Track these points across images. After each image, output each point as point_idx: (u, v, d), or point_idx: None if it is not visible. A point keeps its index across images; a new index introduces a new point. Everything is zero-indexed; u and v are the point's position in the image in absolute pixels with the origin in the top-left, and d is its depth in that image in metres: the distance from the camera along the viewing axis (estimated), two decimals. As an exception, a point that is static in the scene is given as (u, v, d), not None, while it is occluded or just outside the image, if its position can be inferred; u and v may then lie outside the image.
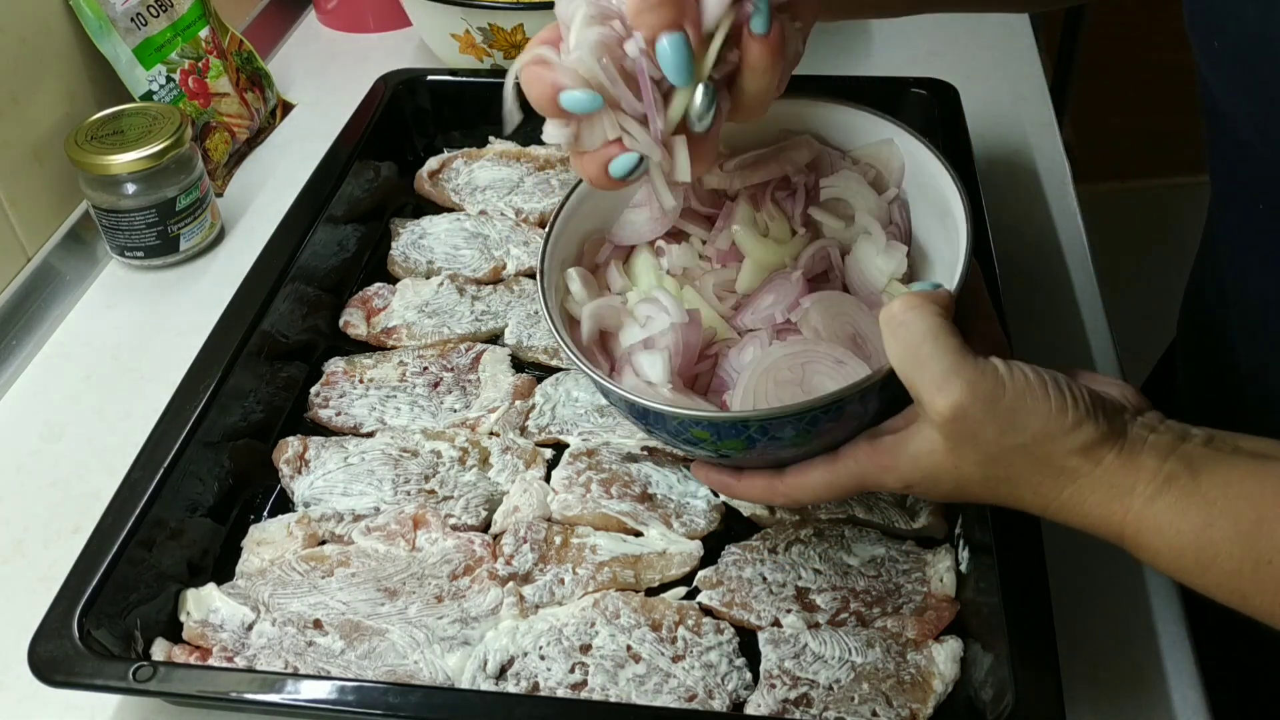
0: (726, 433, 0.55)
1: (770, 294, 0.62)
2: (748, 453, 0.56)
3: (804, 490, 0.57)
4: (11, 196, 0.90)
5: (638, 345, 0.60)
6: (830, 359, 0.58)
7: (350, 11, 1.27)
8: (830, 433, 0.55)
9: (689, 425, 0.55)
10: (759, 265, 0.63)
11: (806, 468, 0.57)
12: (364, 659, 0.63)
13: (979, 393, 0.49)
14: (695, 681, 0.61)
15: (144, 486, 0.66)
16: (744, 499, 0.65)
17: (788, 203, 0.64)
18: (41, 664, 0.58)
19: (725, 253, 0.64)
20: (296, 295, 0.82)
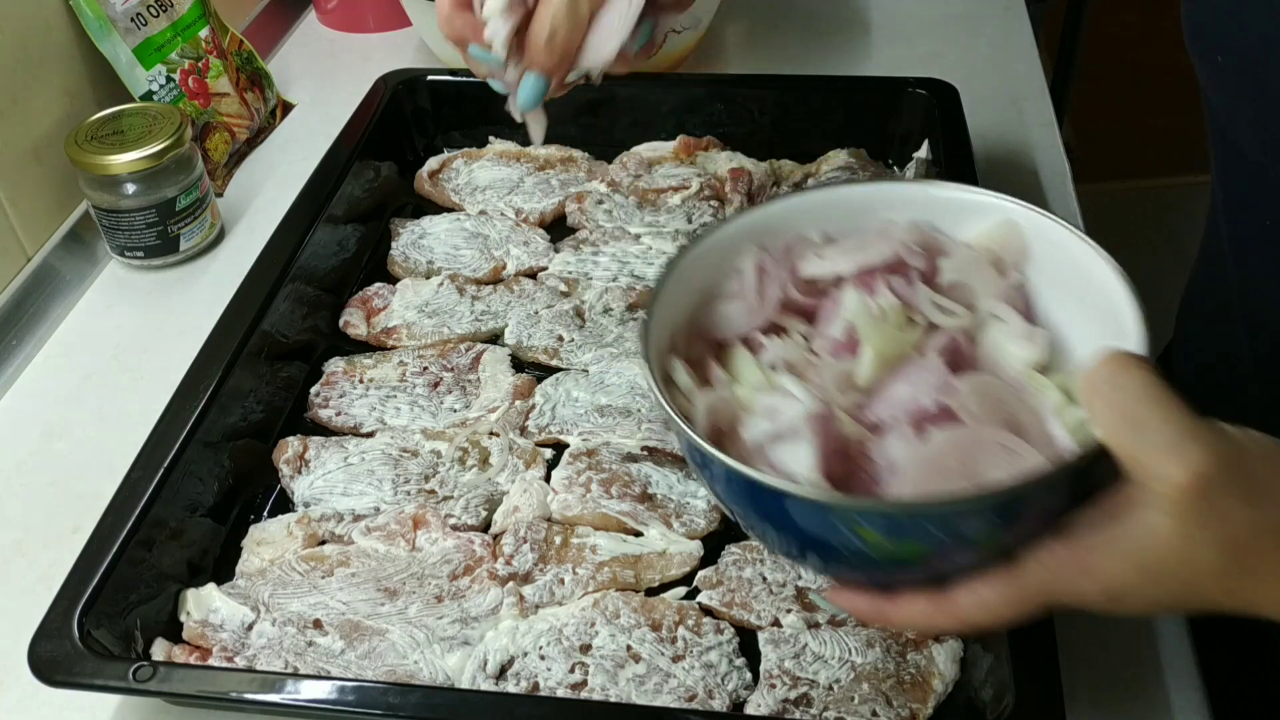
0: (907, 530, 0.45)
1: (904, 383, 0.53)
2: (916, 565, 0.47)
3: (978, 610, 0.46)
4: (11, 196, 0.90)
5: (768, 438, 0.52)
6: (998, 446, 0.49)
7: (350, 11, 1.27)
8: (1017, 532, 0.46)
9: (858, 520, 0.45)
10: (882, 356, 0.54)
11: (981, 583, 0.46)
12: (364, 659, 0.63)
13: (1221, 456, 0.41)
14: (695, 681, 0.61)
15: (144, 486, 0.66)
16: (900, 626, 0.55)
17: (904, 289, 0.56)
18: (41, 664, 0.58)
19: (840, 344, 0.55)
20: (296, 295, 0.82)
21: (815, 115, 0.99)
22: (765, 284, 0.57)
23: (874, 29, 1.21)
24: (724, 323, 0.58)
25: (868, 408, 0.53)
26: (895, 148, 0.98)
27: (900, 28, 1.21)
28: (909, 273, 0.57)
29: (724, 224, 0.58)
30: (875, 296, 0.56)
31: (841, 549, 0.47)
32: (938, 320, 0.55)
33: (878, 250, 0.57)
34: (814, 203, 0.60)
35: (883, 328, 0.55)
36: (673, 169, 0.97)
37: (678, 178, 0.96)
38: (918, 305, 0.56)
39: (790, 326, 0.58)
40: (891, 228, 0.58)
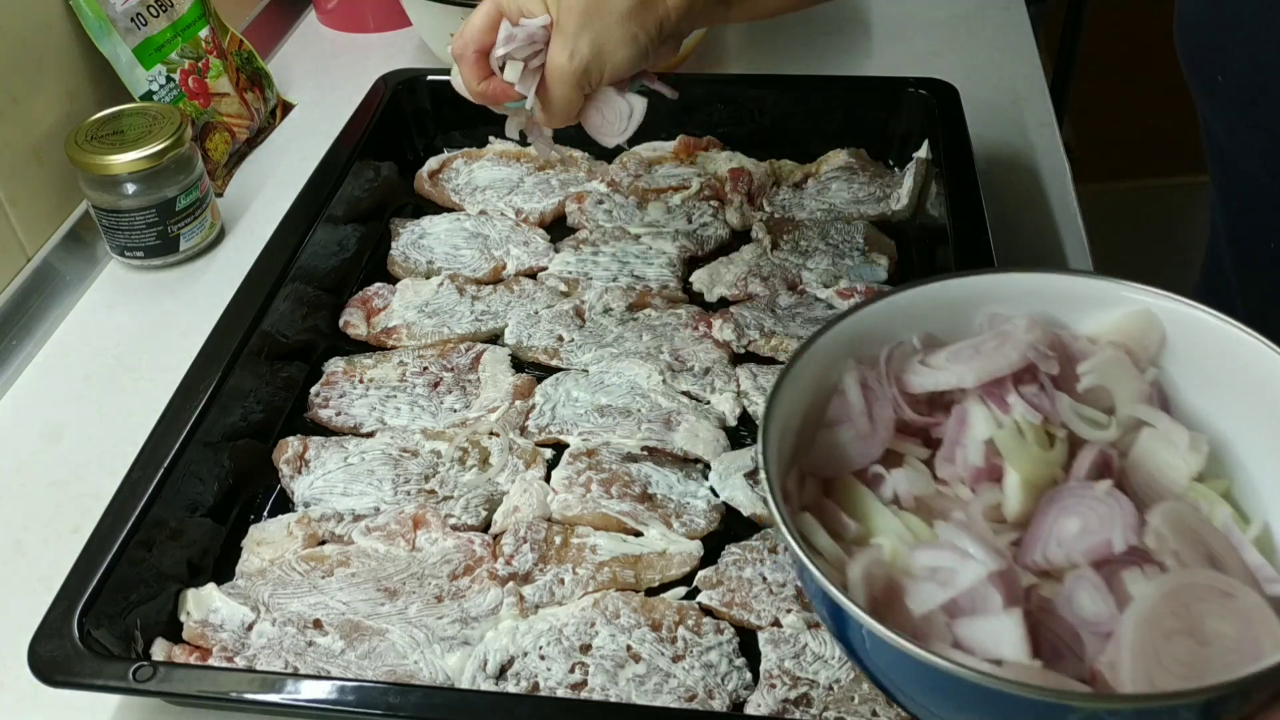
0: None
1: (1069, 516, 0.46)
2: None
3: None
4: (11, 196, 0.90)
5: (946, 609, 0.45)
6: (1212, 590, 0.43)
7: (350, 11, 1.27)
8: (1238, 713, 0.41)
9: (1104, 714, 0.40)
10: (1030, 482, 0.48)
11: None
12: (364, 659, 0.63)
13: None
14: (695, 681, 0.61)
15: (144, 486, 0.66)
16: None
17: (1038, 399, 0.50)
18: (41, 664, 0.58)
19: (978, 470, 0.49)
20: (296, 295, 0.82)
21: (815, 115, 0.99)
22: (874, 405, 0.51)
23: (874, 29, 1.21)
24: (835, 456, 0.51)
25: (1031, 548, 0.47)
26: (895, 148, 0.98)
27: (900, 28, 1.21)
28: (1041, 379, 0.50)
29: (814, 340, 0.51)
30: (1009, 411, 0.49)
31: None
32: (1084, 434, 0.49)
33: (1003, 355, 0.50)
34: (911, 302, 0.53)
35: (1026, 449, 0.48)
36: (673, 169, 0.97)
37: (678, 178, 0.96)
38: (1058, 417, 0.49)
39: (906, 451, 0.51)
40: (1010, 327, 0.51)
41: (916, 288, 0.53)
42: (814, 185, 0.96)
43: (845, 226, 0.91)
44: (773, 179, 0.96)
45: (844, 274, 0.87)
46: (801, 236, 0.90)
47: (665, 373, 0.79)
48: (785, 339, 0.81)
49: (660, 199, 0.94)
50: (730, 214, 0.93)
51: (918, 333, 0.53)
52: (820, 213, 0.94)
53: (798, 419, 0.51)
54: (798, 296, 0.86)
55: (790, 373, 0.50)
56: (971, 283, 0.53)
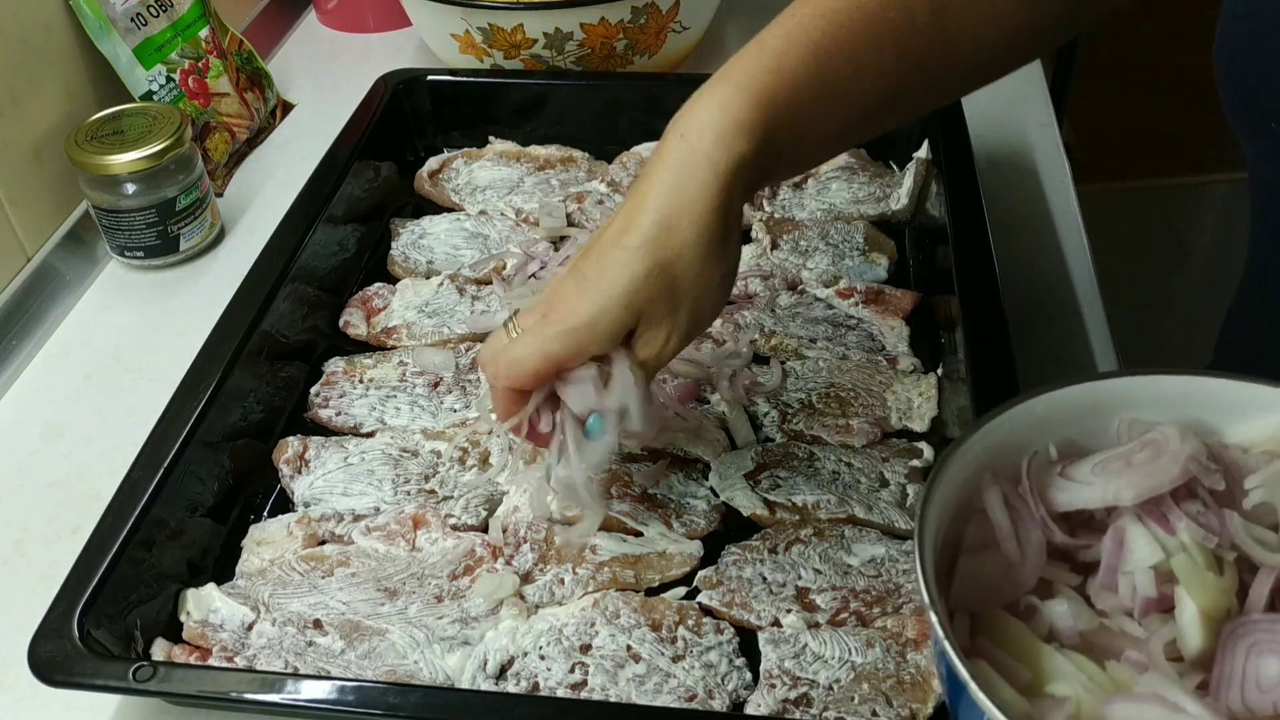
0: None
1: (1267, 656, 0.42)
2: None
3: None
4: (11, 196, 0.90)
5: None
6: None
7: (350, 11, 1.27)
8: None
9: None
10: (1208, 614, 0.43)
11: None
12: (364, 659, 0.63)
13: None
14: (695, 681, 0.61)
15: (144, 486, 0.66)
16: None
17: (1206, 518, 0.45)
18: (41, 664, 0.58)
19: (1149, 601, 0.45)
20: (296, 295, 0.82)
21: (815, 115, 0.99)
22: (1021, 527, 0.47)
23: (874, 29, 1.21)
24: (983, 587, 0.47)
25: (1225, 693, 0.42)
26: (895, 148, 0.98)
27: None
28: (1202, 496, 0.46)
29: (949, 459, 0.48)
30: (1174, 532, 0.45)
31: None
32: (1258, 557, 0.44)
33: (1162, 470, 0.46)
34: (1049, 408, 0.50)
35: (1202, 575, 0.44)
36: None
37: (678, 178, 0.96)
38: (1229, 538, 0.45)
39: (1056, 578, 0.47)
40: (1159, 436, 0.47)
41: (1052, 392, 0.50)
42: (814, 185, 0.96)
43: (845, 226, 0.91)
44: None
45: (844, 274, 0.87)
46: (801, 236, 0.90)
47: (665, 373, 0.79)
48: (785, 339, 0.81)
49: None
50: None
51: (1053, 440, 0.49)
52: (820, 212, 0.94)
53: (938, 545, 0.47)
54: (798, 296, 0.86)
55: (932, 495, 0.46)
56: (1112, 386, 0.50)
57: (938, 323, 0.83)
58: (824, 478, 0.71)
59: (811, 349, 0.81)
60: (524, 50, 1.04)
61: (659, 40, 1.06)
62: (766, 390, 0.77)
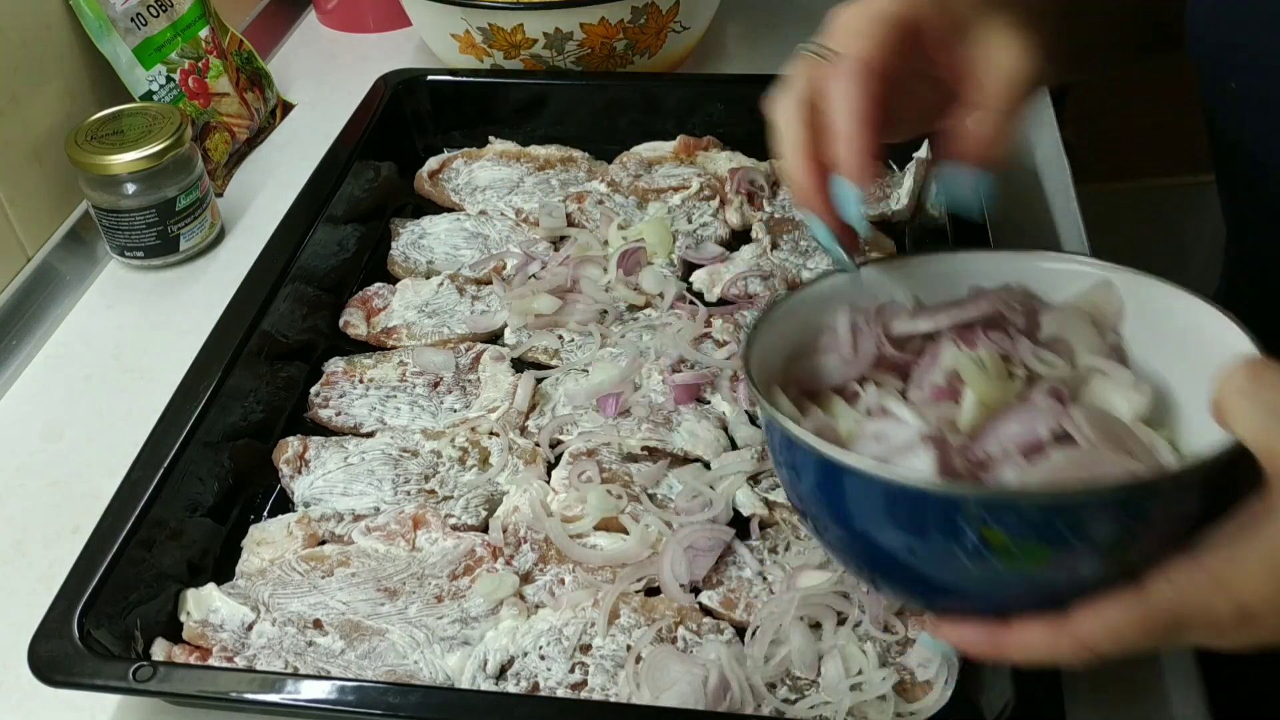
0: (1037, 527, 0.43)
1: (1013, 422, 0.50)
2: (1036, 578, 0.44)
3: (1103, 634, 0.43)
4: (11, 196, 0.90)
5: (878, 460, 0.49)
6: (1117, 465, 0.47)
7: (350, 11, 1.27)
8: (1146, 542, 0.44)
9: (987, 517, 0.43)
10: (984, 401, 0.52)
11: (1105, 604, 0.43)
12: (364, 659, 0.63)
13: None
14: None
15: (144, 486, 0.66)
16: (1017, 659, 0.48)
17: (1004, 342, 0.55)
18: (41, 664, 0.58)
19: (940, 389, 0.54)
20: (296, 295, 0.82)
21: (815, 115, 0.99)
22: (860, 340, 0.56)
23: (874, 29, 1.21)
24: (819, 375, 0.56)
25: (974, 449, 0.50)
26: (896, 147, 0.98)
27: (900, 28, 1.21)
28: (1008, 328, 0.55)
29: (815, 283, 0.58)
30: (976, 349, 0.53)
31: (960, 557, 0.44)
32: (1040, 370, 0.53)
33: (976, 306, 0.55)
34: (905, 267, 0.59)
35: (985, 374, 0.52)
36: (673, 169, 0.97)
37: (678, 178, 0.96)
38: (1018, 357, 0.53)
39: (885, 381, 0.56)
40: (986, 290, 0.56)
41: (913, 257, 0.60)
42: (814, 185, 0.96)
43: (845, 226, 0.91)
44: (773, 179, 0.96)
45: (844, 274, 0.87)
46: (802, 236, 0.90)
47: (665, 373, 0.79)
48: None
49: (660, 199, 0.94)
50: (730, 214, 0.93)
51: (908, 296, 0.58)
52: (820, 213, 0.93)
53: (792, 344, 0.57)
54: (798, 296, 0.86)
55: (788, 301, 0.56)
56: (960, 258, 0.59)
57: (938, 323, 0.83)
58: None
59: (811, 349, 0.81)
60: (524, 50, 1.04)
61: (659, 40, 1.06)
62: None
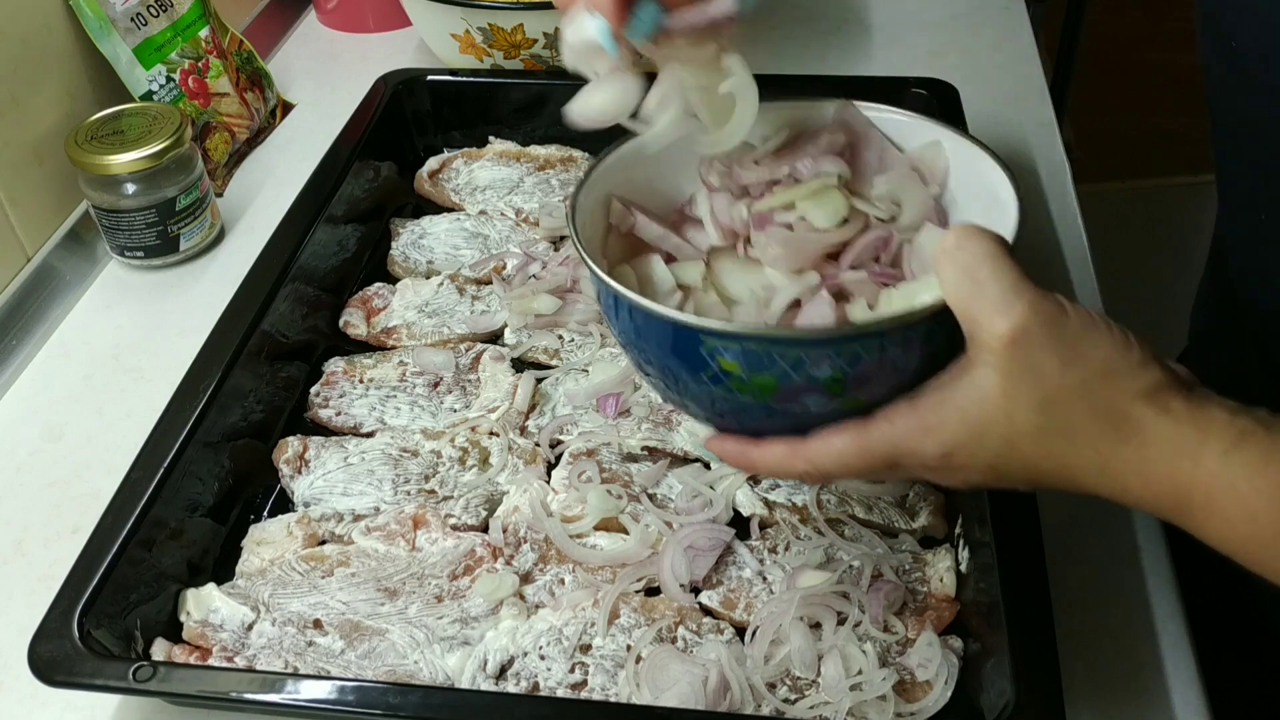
0: (761, 361, 0.49)
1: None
2: (772, 404, 0.51)
3: (830, 457, 0.50)
4: (11, 196, 0.90)
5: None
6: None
7: (350, 11, 1.27)
8: (867, 386, 0.50)
9: (719, 349, 0.49)
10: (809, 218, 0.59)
11: (834, 432, 0.50)
12: (364, 659, 0.63)
13: (1042, 314, 0.44)
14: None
15: (144, 486, 0.66)
16: (762, 471, 0.58)
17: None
18: (41, 664, 0.58)
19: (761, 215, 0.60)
20: (296, 295, 0.82)
21: (815, 115, 0.99)
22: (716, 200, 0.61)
23: (874, 29, 1.21)
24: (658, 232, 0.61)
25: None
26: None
27: (900, 28, 1.21)
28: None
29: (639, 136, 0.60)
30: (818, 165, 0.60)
31: (707, 382, 0.51)
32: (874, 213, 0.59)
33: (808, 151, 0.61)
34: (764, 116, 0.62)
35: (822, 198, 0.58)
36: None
37: (678, 178, 0.96)
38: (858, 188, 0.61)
39: None
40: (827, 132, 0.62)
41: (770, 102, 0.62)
42: (814, 185, 0.96)
43: (845, 226, 0.91)
44: (773, 179, 0.96)
45: (844, 274, 0.87)
46: (801, 236, 0.90)
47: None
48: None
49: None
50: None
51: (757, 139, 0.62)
52: (820, 213, 0.93)
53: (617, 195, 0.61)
54: (798, 296, 0.86)
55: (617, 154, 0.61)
56: (818, 106, 0.64)
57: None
58: (824, 478, 0.71)
59: (811, 349, 0.81)
60: (524, 50, 1.04)
61: (659, 40, 1.06)
62: None
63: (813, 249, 0.58)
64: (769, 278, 0.58)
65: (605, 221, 0.61)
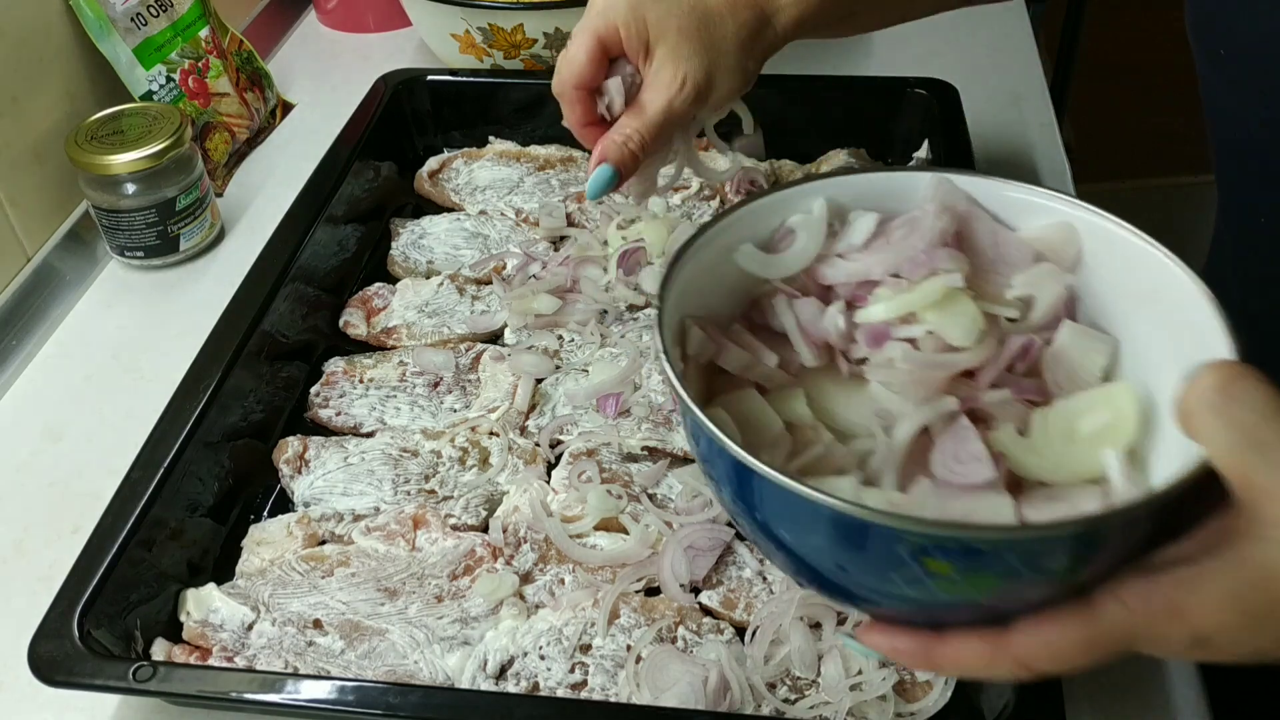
0: (986, 562, 0.39)
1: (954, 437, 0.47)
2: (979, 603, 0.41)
3: (1045, 654, 0.40)
4: (11, 196, 0.90)
5: None
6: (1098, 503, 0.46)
7: (350, 11, 1.27)
8: (1096, 565, 0.40)
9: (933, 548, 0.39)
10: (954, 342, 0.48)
11: (1047, 622, 0.40)
12: (364, 659, 0.63)
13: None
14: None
15: (144, 486, 0.66)
16: (950, 672, 0.48)
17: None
18: (41, 664, 0.58)
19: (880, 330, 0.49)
20: (296, 295, 0.82)
21: (815, 115, 0.99)
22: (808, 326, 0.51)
23: (874, 29, 1.21)
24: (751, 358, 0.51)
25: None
26: (895, 148, 0.98)
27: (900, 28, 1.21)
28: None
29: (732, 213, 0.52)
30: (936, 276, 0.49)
31: (896, 582, 0.40)
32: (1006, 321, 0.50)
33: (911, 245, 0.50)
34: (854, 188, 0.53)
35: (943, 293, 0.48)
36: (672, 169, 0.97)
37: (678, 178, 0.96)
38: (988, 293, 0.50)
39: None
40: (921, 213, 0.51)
41: (855, 175, 0.54)
42: (814, 185, 0.96)
43: (845, 226, 0.91)
44: (772, 179, 0.96)
45: (844, 274, 0.87)
46: (801, 236, 0.90)
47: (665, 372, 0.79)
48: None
49: (659, 199, 0.94)
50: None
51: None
52: (820, 213, 0.93)
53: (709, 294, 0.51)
54: (798, 296, 0.86)
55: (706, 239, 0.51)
56: (910, 178, 0.53)
57: (938, 323, 0.83)
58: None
59: (811, 349, 0.81)
60: (524, 50, 1.04)
61: (659, 40, 1.06)
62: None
63: (950, 372, 0.47)
64: (882, 398, 0.48)
65: (679, 349, 0.49)
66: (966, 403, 0.47)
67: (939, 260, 0.48)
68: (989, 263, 0.51)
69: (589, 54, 0.63)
